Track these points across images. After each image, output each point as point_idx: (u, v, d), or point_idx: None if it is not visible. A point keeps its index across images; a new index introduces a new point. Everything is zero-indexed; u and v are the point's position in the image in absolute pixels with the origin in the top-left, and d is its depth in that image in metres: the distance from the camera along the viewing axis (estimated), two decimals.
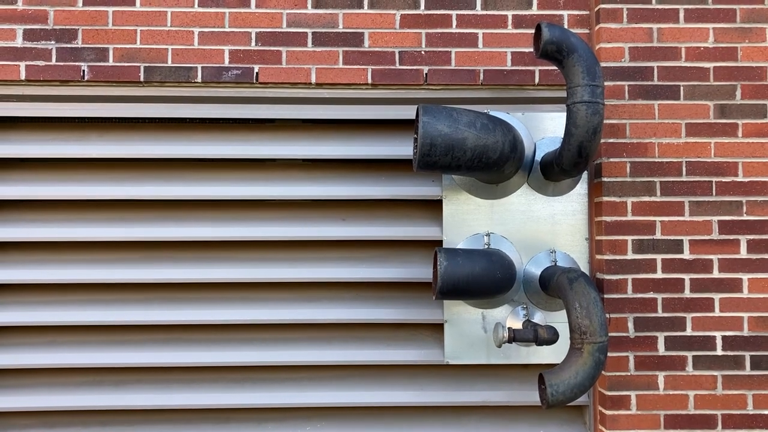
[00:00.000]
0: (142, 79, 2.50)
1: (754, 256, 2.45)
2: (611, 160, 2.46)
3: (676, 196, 2.46)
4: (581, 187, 2.53)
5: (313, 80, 2.52)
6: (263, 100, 2.56)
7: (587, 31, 2.56)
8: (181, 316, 2.55)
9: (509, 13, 2.54)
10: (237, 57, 2.51)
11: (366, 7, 2.53)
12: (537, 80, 2.53)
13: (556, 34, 2.05)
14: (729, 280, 2.45)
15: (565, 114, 2.29)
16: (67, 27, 2.49)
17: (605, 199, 2.45)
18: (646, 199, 2.45)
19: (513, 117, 2.52)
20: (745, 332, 2.44)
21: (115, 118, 2.62)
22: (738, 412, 2.43)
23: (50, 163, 2.63)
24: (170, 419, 2.61)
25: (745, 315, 2.44)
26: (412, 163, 2.56)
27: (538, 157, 2.47)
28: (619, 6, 2.48)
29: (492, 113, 2.48)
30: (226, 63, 2.51)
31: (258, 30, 2.52)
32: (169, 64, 2.50)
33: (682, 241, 2.45)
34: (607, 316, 2.42)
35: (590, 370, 2.00)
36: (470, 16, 2.53)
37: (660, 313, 2.43)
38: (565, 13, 2.55)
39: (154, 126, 2.63)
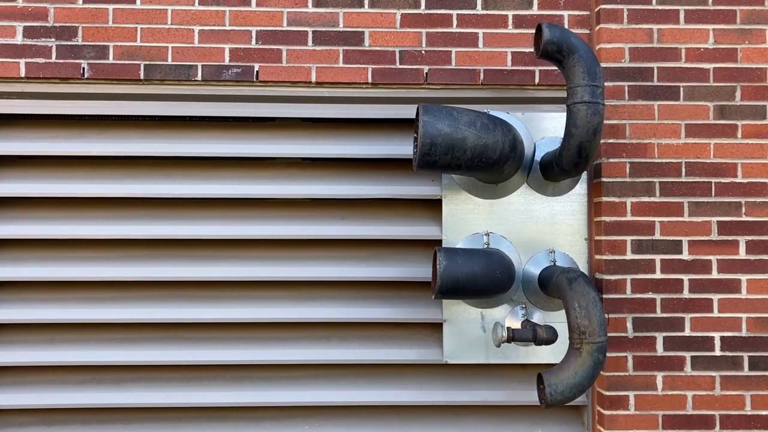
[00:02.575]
0: (142, 77, 2.49)
1: (752, 257, 2.46)
2: (611, 160, 2.46)
3: (676, 196, 2.46)
4: (581, 188, 2.53)
5: (314, 79, 2.52)
6: (263, 99, 2.56)
7: (587, 31, 2.56)
8: (180, 314, 2.55)
9: (510, 13, 2.54)
10: (237, 55, 2.51)
11: (366, 6, 2.53)
12: (537, 80, 2.54)
13: (557, 35, 2.05)
14: (728, 281, 2.45)
15: (565, 114, 2.30)
16: (67, 24, 2.49)
17: (605, 199, 2.45)
18: (646, 199, 2.46)
19: (513, 117, 2.52)
20: (744, 333, 2.45)
21: (115, 115, 2.61)
22: (736, 412, 2.43)
23: (50, 160, 2.62)
24: (169, 417, 2.61)
25: (744, 316, 2.45)
26: (411, 162, 2.56)
27: (538, 157, 2.47)
28: (620, 6, 2.48)
29: (492, 113, 2.49)
30: (227, 61, 2.51)
31: (258, 28, 2.52)
32: (170, 62, 2.50)
33: (681, 241, 2.45)
34: (606, 316, 2.43)
35: (589, 370, 2.00)
36: (471, 15, 2.53)
37: (659, 314, 2.44)
38: (565, 13, 2.55)
39: (153, 124, 2.63)
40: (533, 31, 2.52)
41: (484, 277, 2.26)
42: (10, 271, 2.54)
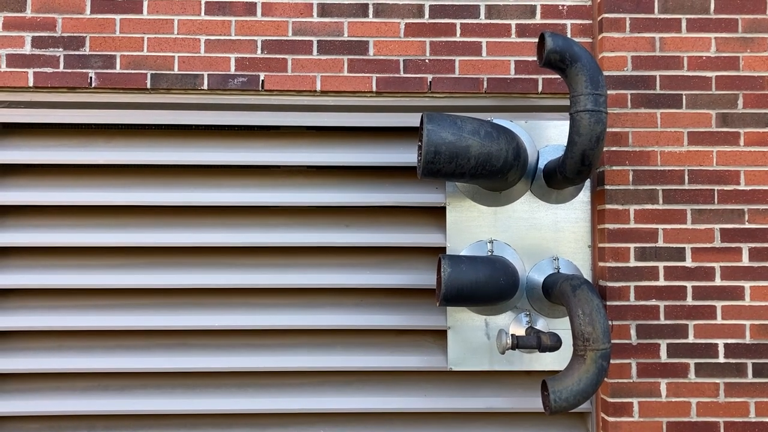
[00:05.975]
0: (148, 86, 2.52)
1: (755, 264, 2.46)
2: (614, 168, 2.47)
3: (679, 204, 2.47)
4: (584, 195, 2.54)
5: (318, 88, 2.54)
6: (268, 108, 2.58)
7: (590, 40, 2.58)
8: (185, 321, 2.56)
9: (513, 23, 2.56)
10: (243, 65, 2.53)
11: (371, 15, 2.55)
12: (540, 89, 2.55)
13: (560, 43, 2.07)
14: (731, 288, 2.46)
15: (568, 122, 2.31)
16: (74, 34, 2.52)
17: (608, 206, 2.46)
18: (649, 207, 2.47)
19: (516, 125, 2.54)
20: (747, 340, 2.45)
21: (122, 124, 2.64)
22: (740, 419, 2.43)
23: (57, 168, 2.64)
24: (174, 424, 2.62)
25: (747, 323, 2.45)
26: (416, 170, 2.58)
27: (542, 165, 2.49)
28: (622, 15, 2.50)
29: (495, 121, 2.50)
30: (232, 70, 2.53)
31: (264, 38, 2.54)
32: (176, 71, 2.52)
33: (684, 248, 2.46)
34: (610, 323, 2.43)
35: (593, 377, 2.01)
36: (474, 25, 2.55)
37: (662, 321, 2.44)
38: (568, 22, 2.57)
39: (160, 133, 2.65)
40: (536, 40, 2.54)
41: (488, 285, 2.27)
42: (18, 278, 2.56)
